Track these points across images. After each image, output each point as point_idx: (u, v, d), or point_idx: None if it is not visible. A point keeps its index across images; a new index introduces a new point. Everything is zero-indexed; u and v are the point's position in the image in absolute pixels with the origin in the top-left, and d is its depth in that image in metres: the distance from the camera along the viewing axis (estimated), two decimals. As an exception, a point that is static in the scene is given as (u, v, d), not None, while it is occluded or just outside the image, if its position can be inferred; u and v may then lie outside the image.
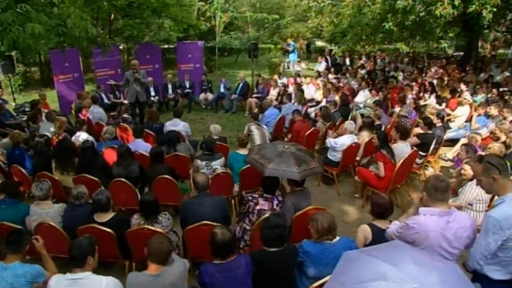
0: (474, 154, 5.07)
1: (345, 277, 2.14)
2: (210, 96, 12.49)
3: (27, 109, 9.24)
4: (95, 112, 7.95)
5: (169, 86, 12.31)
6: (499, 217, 2.49)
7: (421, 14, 7.42)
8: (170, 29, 13.40)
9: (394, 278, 2.00)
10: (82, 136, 6.27)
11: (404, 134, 6.08)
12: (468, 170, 4.60)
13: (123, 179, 4.80)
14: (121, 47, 14.47)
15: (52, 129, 6.89)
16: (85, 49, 8.22)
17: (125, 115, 7.76)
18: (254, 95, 11.72)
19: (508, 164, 2.64)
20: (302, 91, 10.37)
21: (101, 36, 5.75)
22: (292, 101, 8.93)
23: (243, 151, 5.54)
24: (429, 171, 7.00)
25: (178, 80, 13.03)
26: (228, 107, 12.02)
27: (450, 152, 7.72)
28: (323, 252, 3.13)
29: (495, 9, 7.45)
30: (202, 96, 12.52)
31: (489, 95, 9.42)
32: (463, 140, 7.50)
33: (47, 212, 4.05)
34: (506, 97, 8.83)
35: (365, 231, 3.45)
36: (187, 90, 12.34)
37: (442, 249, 2.62)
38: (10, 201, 4.21)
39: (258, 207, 4.02)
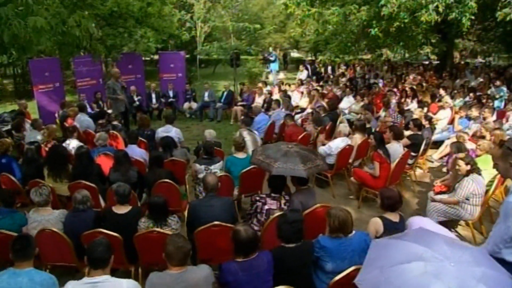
0: (466, 150, 5.28)
1: (381, 262, 2.17)
2: (194, 105, 12.46)
3: (6, 118, 8.90)
4: (83, 120, 7.75)
5: (153, 96, 12.23)
6: None
7: (406, 20, 7.71)
8: (148, 40, 13.31)
9: (430, 258, 2.06)
10: (72, 143, 6.10)
11: (398, 135, 6.25)
12: (462, 165, 4.76)
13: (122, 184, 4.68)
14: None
15: (39, 137, 6.69)
16: (68, 55, 8.01)
17: (115, 123, 7.61)
18: (240, 103, 11.77)
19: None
20: (289, 97, 10.50)
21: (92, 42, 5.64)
22: (281, 107, 9.02)
23: (240, 155, 5.54)
24: (418, 172, 7.20)
25: (160, 90, 12.93)
26: (213, 115, 12.03)
27: (436, 154, 7.98)
28: (340, 246, 3.15)
29: (473, 17, 7.87)
30: (186, 105, 12.48)
31: (467, 98, 9.84)
32: (448, 142, 7.80)
33: (47, 219, 3.89)
34: (483, 100, 9.26)
35: (376, 224, 3.52)
36: (171, 99, 12.28)
37: None
38: (5, 211, 4.04)
39: (266, 207, 4.02)
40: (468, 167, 4.70)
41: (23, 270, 2.81)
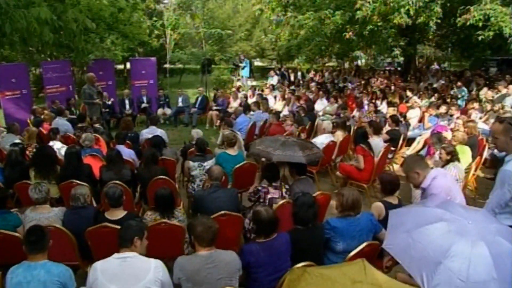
0: (445, 140, 5.71)
1: (406, 226, 2.35)
2: (168, 111, 12.37)
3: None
4: (61, 124, 7.52)
5: (126, 102, 12.02)
6: None
7: (379, 24, 8.18)
8: (115, 48, 13.06)
9: (450, 218, 2.27)
10: (56, 145, 5.92)
11: (377, 130, 6.59)
12: (443, 154, 5.14)
13: (118, 182, 4.61)
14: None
15: (16, 141, 6.42)
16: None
17: (97, 125, 7.44)
18: (215, 108, 11.82)
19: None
20: (266, 100, 10.72)
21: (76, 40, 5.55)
22: (260, 110, 9.20)
23: (232, 152, 5.60)
24: (396, 166, 7.59)
25: (133, 97, 12.71)
26: (188, 120, 11.99)
27: (409, 150, 8.44)
28: (349, 226, 3.30)
29: (439, 21, 8.48)
30: (160, 111, 12.34)
31: (432, 99, 10.50)
32: (419, 139, 8.32)
33: (46, 217, 3.76)
34: (448, 100, 9.93)
35: (378, 208, 3.71)
36: (145, 105, 12.12)
37: None
38: (-1, 211, 3.86)
39: (269, 196, 4.12)
40: (449, 156, 5.09)
41: (38, 263, 2.73)
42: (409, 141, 8.69)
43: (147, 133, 6.89)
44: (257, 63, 30.69)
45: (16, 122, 7.33)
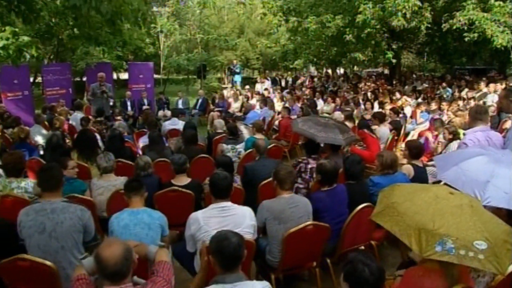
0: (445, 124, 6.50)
1: (455, 161, 2.98)
2: (168, 112, 12.68)
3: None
4: (80, 119, 7.77)
5: (128, 103, 12.29)
6: None
7: (377, 27, 8.98)
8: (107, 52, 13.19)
9: (487, 153, 2.91)
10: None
11: (381, 119, 7.27)
12: (447, 134, 5.90)
13: (165, 159, 5.01)
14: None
15: (43, 131, 6.69)
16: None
17: (118, 117, 7.75)
18: (216, 109, 12.28)
19: None
20: (271, 99, 11.33)
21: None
22: (267, 107, 9.79)
23: (259, 136, 6.12)
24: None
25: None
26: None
27: (404, 144, 9.19)
28: (390, 182, 3.82)
29: (429, 25, 9.40)
30: (160, 113, 12.66)
31: (420, 100, 11.41)
32: (413, 133, 9.11)
33: (114, 184, 4.10)
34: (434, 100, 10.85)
35: (408, 169, 4.31)
36: (146, 107, 12.42)
37: None
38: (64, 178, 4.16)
39: (309, 166, 4.63)
40: (451, 136, 5.83)
41: (140, 209, 3.09)
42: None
43: (169, 124, 7.28)
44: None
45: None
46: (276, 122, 9.27)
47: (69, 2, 4.00)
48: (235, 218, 2.92)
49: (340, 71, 23.74)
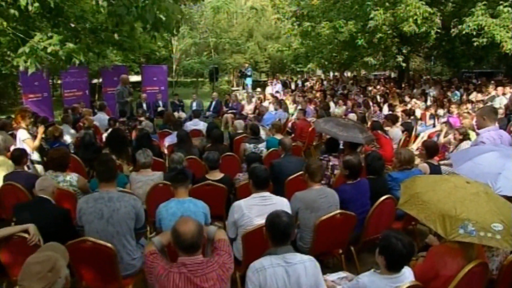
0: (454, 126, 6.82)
1: (468, 156, 3.32)
2: (183, 114, 13.07)
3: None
4: (103, 119, 8.17)
5: (144, 105, 12.68)
6: None
7: (388, 32, 9.32)
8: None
9: (498, 149, 3.25)
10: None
11: (394, 121, 7.59)
12: (457, 135, 6.21)
13: (194, 156, 5.35)
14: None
15: (72, 131, 7.07)
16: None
17: (142, 119, 8.12)
18: (230, 111, 12.64)
19: None
20: (284, 102, 11.70)
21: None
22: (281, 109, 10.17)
23: (278, 136, 6.45)
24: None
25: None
26: (203, 123, 12.73)
27: (414, 144, 9.48)
28: (407, 177, 4.15)
29: (439, 30, 9.73)
30: (175, 114, 13.03)
31: (428, 103, 11.70)
32: (423, 134, 9.39)
33: (152, 179, 4.43)
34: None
35: (424, 167, 4.64)
36: (161, 109, 12.82)
37: None
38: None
39: (331, 163, 4.97)
40: (461, 136, 6.15)
41: (185, 199, 3.43)
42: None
43: (191, 125, 7.63)
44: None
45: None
46: (289, 124, 9.65)
47: (114, 10, 4.33)
48: (275, 206, 3.20)
49: (347, 74, 24.13)
